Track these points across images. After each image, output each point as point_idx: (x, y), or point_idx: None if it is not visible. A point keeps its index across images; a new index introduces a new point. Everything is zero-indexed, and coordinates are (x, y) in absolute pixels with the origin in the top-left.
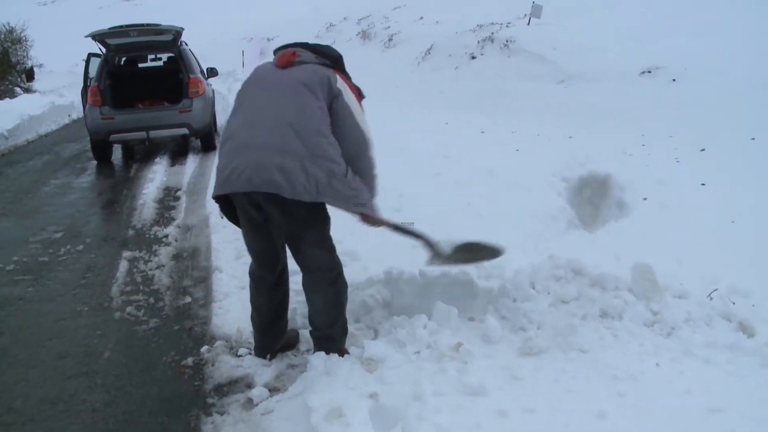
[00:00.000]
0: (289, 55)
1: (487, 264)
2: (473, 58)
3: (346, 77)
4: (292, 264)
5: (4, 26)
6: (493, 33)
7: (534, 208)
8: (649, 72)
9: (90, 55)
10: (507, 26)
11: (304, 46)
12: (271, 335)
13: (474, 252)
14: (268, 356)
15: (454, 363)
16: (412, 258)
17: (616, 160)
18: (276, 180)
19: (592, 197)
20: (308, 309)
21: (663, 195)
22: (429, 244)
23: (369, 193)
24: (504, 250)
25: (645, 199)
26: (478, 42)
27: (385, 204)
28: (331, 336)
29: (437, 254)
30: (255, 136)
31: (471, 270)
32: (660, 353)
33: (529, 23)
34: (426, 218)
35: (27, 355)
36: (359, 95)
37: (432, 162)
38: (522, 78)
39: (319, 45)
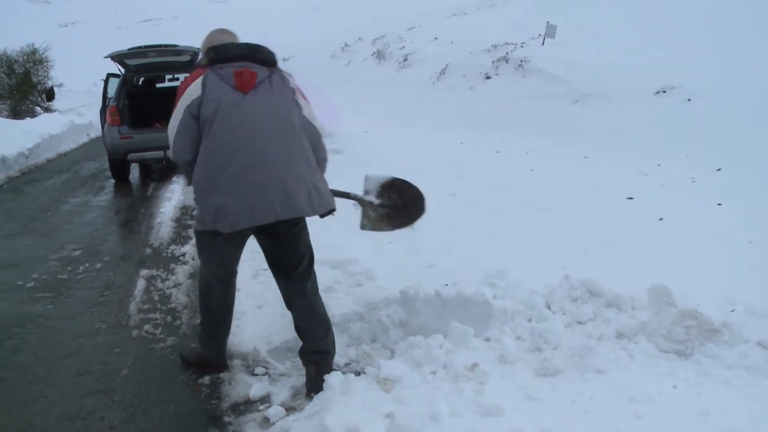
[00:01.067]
0: (249, 77)
1: (496, 280)
2: (488, 78)
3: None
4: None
5: (27, 48)
6: (507, 53)
7: (549, 228)
8: (664, 91)
9: (109, 75)
10: (521, 46)
11: (251, 57)
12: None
13: (402, 198)
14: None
15: (470, 383)
16: (428, 278)
17: (631, 180)
18: (301, 207)
19: None
20: (302, 323)
21: (679, 215)
22: (359, 199)
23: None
24: (424, 201)
25: (661, 219)
26: (493, 62)
27: None
28: (328, 349)
29: (368, 215)
30: (261, 166)
31: (486, 290)
32: (677, 374)
33: (543, 43)
34: (441, 238)
35: (46, 372)
36: None
37: (447, 182)
38: (537, 98)
39: (259, 49)
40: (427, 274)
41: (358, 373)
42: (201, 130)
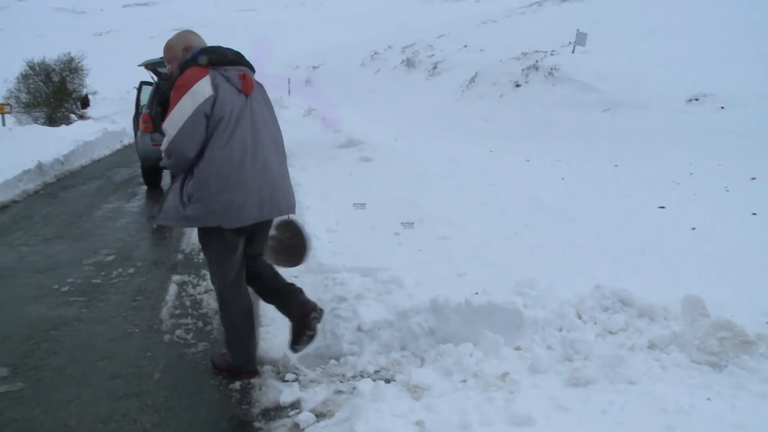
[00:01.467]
0: (251, 81)
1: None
2: (518, 86)
3: None
4: None
5: (63, 56)
6: (537, 61)
7: (580, 237)
8: (697, 99)
9: (142, 83)
10: (551, 54)
11: (243, 62)
12: None
13: (291, 239)
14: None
15: (500, 392)
16: (458, 286)
17: (663, 189)
18: (292, 203)
19: None
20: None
21: (712, 224)
22: None
23: None
24: (306, 253)
25: (693, 228)
26: (523, 70)
27: (430, 231)
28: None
29: None
30: (267, 167)
31: (517, 299)
32: (711, 387)
33: (573, 51)
34: (471, 246)
35: (81, 375)
36: None
37: (478, 190)
38: (567, 106)
39: (243, 55)
40: (457, 282)
41: (388, 381)
42: (208, 129)
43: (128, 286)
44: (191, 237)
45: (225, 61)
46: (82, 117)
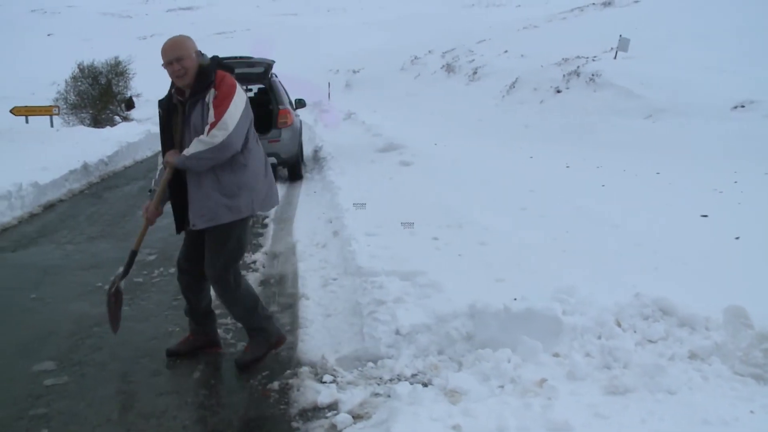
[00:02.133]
0: None
1: (572, 300)
2: (558, 91)
3: None
4: None
5: (111, 60)
6: (578, 67)
7: (620, 245)
8: (742, 106)
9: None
10: (593, 60)
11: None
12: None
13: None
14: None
15: (538, 398)
16: (496, 291)
17: (706, 197)
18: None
19: None
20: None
21: (757, 234)
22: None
23: None
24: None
25: (737, 238)
26: (564, 76)
27: (469, 236)
28: None
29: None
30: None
31: (555, 306)
32: (754, 399)
33: (615, 57)
34: (510, 252)
35: (123, 371)
36: None
37: (517, 196)
38: (608, 112)
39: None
40: (495, 287)
41: (425, 384)
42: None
43: (169, 285)
44: None
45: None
46: (125, 119)
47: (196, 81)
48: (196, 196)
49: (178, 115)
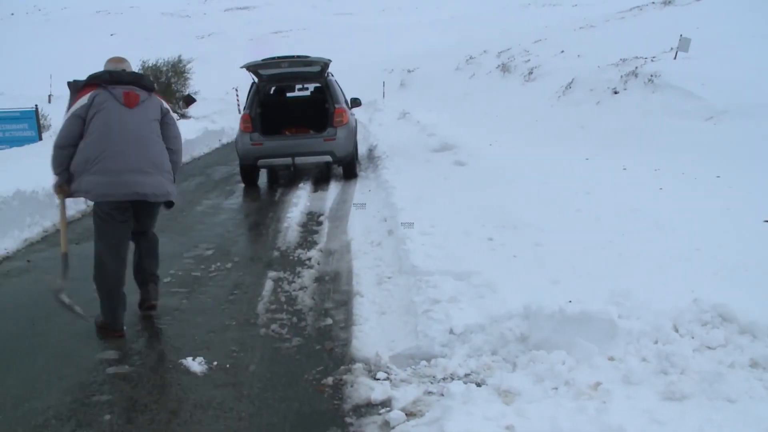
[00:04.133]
0: (135, 98)
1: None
2: (615, 93)
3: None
4: None
5: (171, 59)
6: (636, 67)
7: (678, 249)
8: None
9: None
10: (652, 60)
11: (136, 83)
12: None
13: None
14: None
15: (592, 401)
16: (551, 293)
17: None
18: (148, 193)
19: None
20: (148, 263)
21: None
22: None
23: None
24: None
25: None
26: (621, 77)
27: (524, 238)
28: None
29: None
30: (128, 162)
31: (611, 309)
32: None
33: (675, 57)
34: (565, 254)
35: (181, 362)
36: None
37: (573, 198)
38: (667, 114)
39: (141, 78)
40: (550, 289)
41: (478, 384)
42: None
43: (226, 280)
44: (286, 235)
45: (119, 81)
46: (183, 116)
47: None
48: None
49: None
